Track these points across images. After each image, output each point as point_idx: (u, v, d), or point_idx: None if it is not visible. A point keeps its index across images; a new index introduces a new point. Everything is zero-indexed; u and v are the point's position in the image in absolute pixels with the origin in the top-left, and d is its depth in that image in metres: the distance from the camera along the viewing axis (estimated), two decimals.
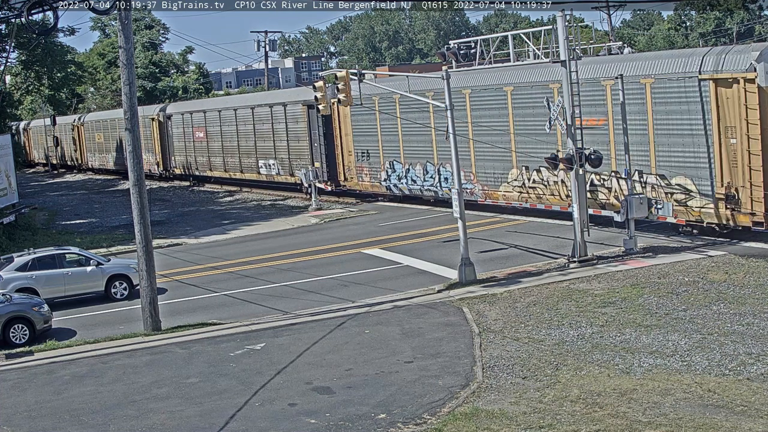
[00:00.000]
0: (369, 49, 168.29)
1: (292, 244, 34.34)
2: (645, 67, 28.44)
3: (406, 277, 26.66)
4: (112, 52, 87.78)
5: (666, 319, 19.50)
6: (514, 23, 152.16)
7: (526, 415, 14.85)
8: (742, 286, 21.61)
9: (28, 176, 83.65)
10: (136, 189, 22.87)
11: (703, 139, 26.68)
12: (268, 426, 15.46)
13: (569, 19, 25.96)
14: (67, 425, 16.43)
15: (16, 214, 39.21)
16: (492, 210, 35.66)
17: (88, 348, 21.76)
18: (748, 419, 13.91)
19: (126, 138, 23.16)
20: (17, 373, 20.18)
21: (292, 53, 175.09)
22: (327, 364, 18.69)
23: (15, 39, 45.81)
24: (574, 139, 26.02)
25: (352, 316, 22.50)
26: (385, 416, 15.40)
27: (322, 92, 27.63)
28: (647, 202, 26.62)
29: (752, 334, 17.97)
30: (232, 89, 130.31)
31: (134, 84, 22.98)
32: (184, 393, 17.67)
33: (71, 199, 58.94)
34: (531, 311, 21.19)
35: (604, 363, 17.09)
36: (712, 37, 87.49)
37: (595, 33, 59.40)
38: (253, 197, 51.53)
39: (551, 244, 28.97)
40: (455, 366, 17.77)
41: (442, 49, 28.81)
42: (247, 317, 23.55)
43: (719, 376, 15.90)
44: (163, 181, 65.28)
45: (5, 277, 26.33)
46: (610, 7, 68.41)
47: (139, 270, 23.31)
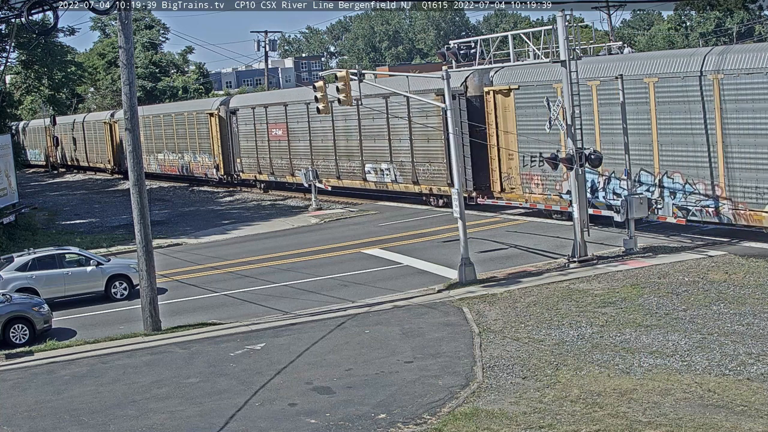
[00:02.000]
0: (369, 49, 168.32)
1: (292, 244, 34.34)
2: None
3: (406, 277, 26.65)
4: (112, 52, 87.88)
5: (666, 319, 19.50)
6: (514, 23, 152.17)
7: (526, 415, 14.85)
8: (742, 286, 21.60)
9: (28, 176, 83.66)
10: (136, 189, 22.87)
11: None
12: (268, 426, 15.46)
13: (569, 19, 25.96)
14: (67, 425, 16.42)
15: (16, 214, 39.20)
16: (492, 210, 35.66)
17: (88, 348, 21.76)
18: (748, 419, 13.91)
19: (126, 138, 23.16)
20: (17, 373, 20.18)
21: (292, 53, 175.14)
22: (327, 364, 18.68)
23: (15, 39, 45.80)
24: (574, 139, 26.02)
25: (352, 316, 22.49)
26: (385, 416, 15.40)
27: (322, 92, 27.60)
28: (647, 202, 26.63)
29: (752, 334, 17.97)
30: (232, 89, 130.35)
31: (134, 84, 22.98)
32: (184, 393, 17.66)
33: (71, 199, 58.95)
34: (531, 311, 21.19)
35: (604, 363, 17.09)
36: (712, 37, 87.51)
37: (595, 33, 59.39)
38: (253, 197, 51.49)
39: (551, 244, 28.96)
40: (455, 366, 17.77)
41: (442, 49, 28.79)
42: (247, 317, 23.55)
43: (719, 376, 15.90)
44: (224, 188, 56.64)
45: (5, 277, 26.33)
46: (610, 7, 68.42)
47: (139, 270, 23.31)
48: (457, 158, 25.99)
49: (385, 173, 41.11)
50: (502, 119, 34.06)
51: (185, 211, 47.80)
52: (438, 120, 36.31)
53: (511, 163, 34.04)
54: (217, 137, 55.34)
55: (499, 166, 34.65)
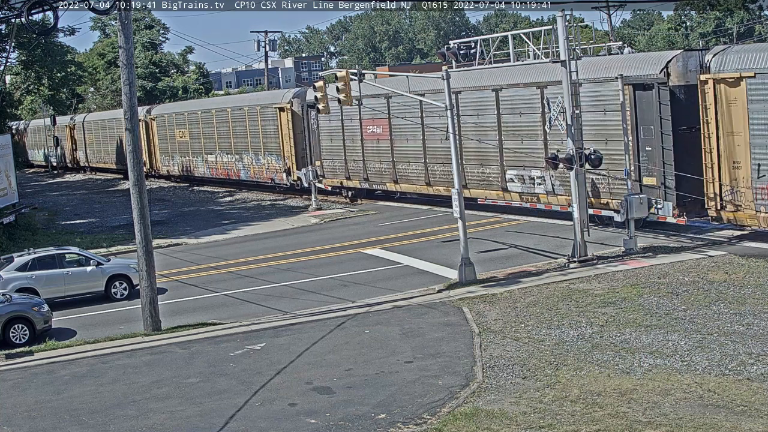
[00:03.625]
0: (369, 49, 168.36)
1: (292, 244, 34.34)
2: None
3: (406, 277, 26.65)
4: (112, 52, 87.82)
5: (666, 319, 19.50)
6: (514, 23, 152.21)
7: (526, 415, 14.85)
8: (742, 286, 21.60)
9: (28, 176, 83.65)
10: (136, 189, 22.86)
11: None
12: (268, 426, 15.46)
13: (569, 19, 25.97)
14: (67, 425, 16.42)
15: (16, 214, 39.19)
16: (492, 210, 35.65)
17: (88, 348, 21.75)
18: (748, 419, 13.91)
19: (126, 138, 23.15)
20: (17, 373, 20.18)
21: (292, 53, 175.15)
22: (327, 364, 18.68)
23: (15, 39, 45.81)
24: (574, 139, 26.02)
25: (352, 316, 22.49)
26: (385, 416, 15.40)
27: (322, 92, 27.59)
28: (647, 202, 26.62)
29: (752, 334, 17.97)
30: (232, 89, 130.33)
31: (134, 84, 22.97)
32: (184, 393, 17.66)
33: (71, 199, 58.94)
34: (531, 311, 21.19)
35: (604, 363, 17.09)
36: (712, 37, 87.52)
37: (595, 33, 59.39)
38: (252, 197, 51.49)
39: (551, 244, 28.96)
40: (455, 366, 17.77)
41: (442, 49, 28.77)
42: (247, 317, 23.55)
43: (719, 376, 15.90)
44: (292, 195, 48.54)
45: (5, 277, 26.33)
46: (610, 7, 68.43)
47: (139, 270, 23.31)
48: (457, 158, 25.96)
49: (536, 182, 32.10)
50: (726, 116, 25.80)
51: (185, 211, 47.79)
52: (619, 116, 28.36)
53: (737, 174, 25.74)
54: (288, 136, 47.02)
55: (717, 176, 26.24)
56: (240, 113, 52.50)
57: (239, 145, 52.81)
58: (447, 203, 30.75)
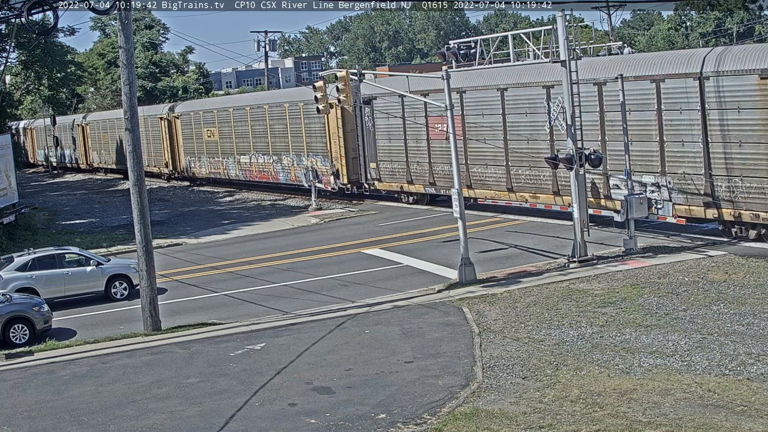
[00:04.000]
0: (369, 49, 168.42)
1: (292, 244, 34.34)
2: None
3: (406, 277, 26.65)
4: (112, 52, 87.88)
5: (666, 319, 19.50)
6: (514, 23, 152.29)
7: (526, 415, 14.85)
8: (742, 286, 21.61)
9: (28, 176, 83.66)
10: (136, 189, 22.86)
11: None
12: (268, 426, 15.46)
13: (569, 19, 25.97)
14: (67, 425, 16.42)
15: (16, 214, 39.20)
16: (492, 210, 35.65)
17: (88, 348, 21.76)
18: (748, 419, 13.91)
19: (126, 138, 23.14)
20: (17, 373, 20.18)
21: (292, 53, 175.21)
22: (327, 364, 18.68)
23: (15, 39, 45.81)
24: (574, 138, 26.02)
25: (352, 316, 22.49)
26: (385, 416, 15.40)
27: (322, 92, 27.60)
28: (647, 202, 26.61)
29: (752, 334, 17.97)
30: (232, 89, 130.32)
31: (134, 84, 22.97)
32: (184, 393, 17.66)
33: (71, 199, 58.93)
34: (531, 311, 21.19)
35: (604, 363, 17.09)
36: (712, 37, 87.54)
37: (595, 33, 59.40)
38: (252, 197, 51.47)
39: (551, 244, 28.96)
40: (455, 366, 17.77)
41: (442, 49, 28.77)
42: (247, 317, 23.55)
43: (719, 376, 15.90)
44: (343, 200, 44.16)
45: (5, 277, 26.33)
46: (610, 7, 68.47)
47: (139, 270, 23.32)
48: (456, 158, 25.95)
49: (649, 190, 28.37)
50: None
51: (185, 211, 47.79)
52: (756, 113, 24.74)
53: None
54: (337, 135, 42.47)
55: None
56: (279, 110, 47.92)
57: (278, 145, 48.39)
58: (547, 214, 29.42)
